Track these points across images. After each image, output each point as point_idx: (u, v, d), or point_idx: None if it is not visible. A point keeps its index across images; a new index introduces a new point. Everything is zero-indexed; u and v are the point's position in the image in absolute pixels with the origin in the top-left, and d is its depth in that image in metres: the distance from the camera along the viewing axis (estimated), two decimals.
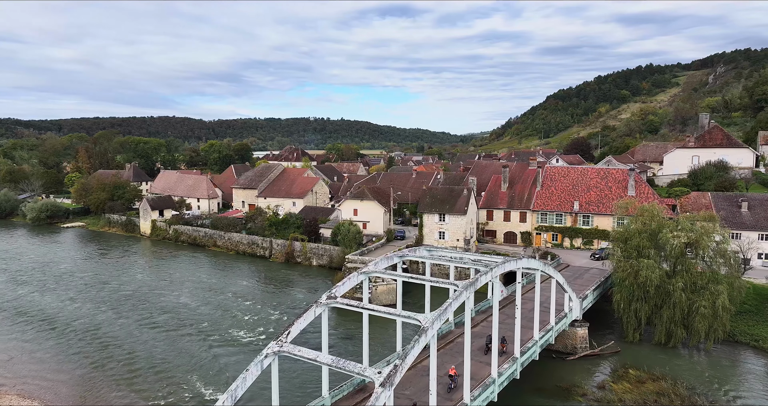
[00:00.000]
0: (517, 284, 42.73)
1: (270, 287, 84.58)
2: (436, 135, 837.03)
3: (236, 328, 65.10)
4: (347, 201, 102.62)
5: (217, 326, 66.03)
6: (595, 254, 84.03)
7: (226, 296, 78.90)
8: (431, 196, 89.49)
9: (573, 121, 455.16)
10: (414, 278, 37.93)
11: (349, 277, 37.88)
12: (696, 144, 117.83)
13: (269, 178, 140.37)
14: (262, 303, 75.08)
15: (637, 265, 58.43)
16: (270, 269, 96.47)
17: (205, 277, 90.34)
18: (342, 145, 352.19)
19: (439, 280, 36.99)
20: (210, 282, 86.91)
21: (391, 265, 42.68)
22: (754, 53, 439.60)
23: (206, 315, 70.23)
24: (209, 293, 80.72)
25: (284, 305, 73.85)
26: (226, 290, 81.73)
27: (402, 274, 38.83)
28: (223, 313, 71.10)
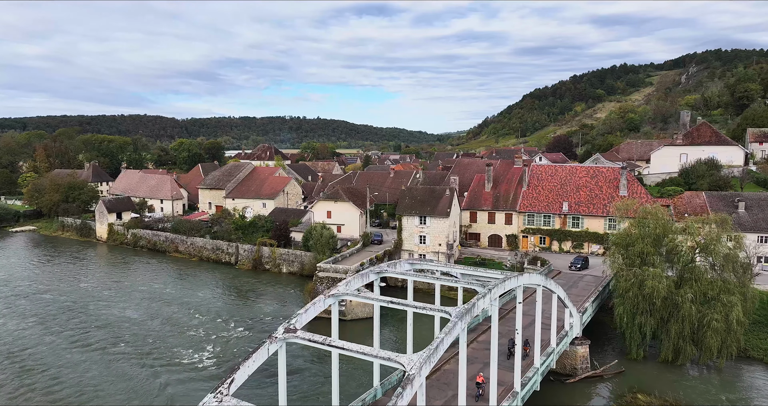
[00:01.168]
0: (517, 304, 35.94)
1: (232, 297, 76.61)
2: (413, 134, 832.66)
3: (186, 347, 57.09)
4: (320, 202, 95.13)
5: (164, 344, 57.93)
6: (574, 264, 73.89)
7: (180, 308, 70.76)
8: (411, 197, 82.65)
9: (549, 120, 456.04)
10: (394, 303, 30.84)
11: (315, 302, 30.61)
12: (684, 141, 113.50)
13: (238, 177, 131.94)
14: (222, 317, 67.13)
15: (641, 274, 52.36)
16: (235, 277, 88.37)
17: (159, 286, 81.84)
18: (317, 144, 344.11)
19: (426, 306, 29.95)
20: (164, 292, 78.48)
21: (366, 283, 35.41)
22: (724, 54, 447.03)
23: (153, 331, 62.03)
24: (160, 304, 72.42)
25: (246, 320, 66.05)
26: (181, 302, 73.56)
27: (380, 298, 31.71)
28: (172, 329, 62.94)
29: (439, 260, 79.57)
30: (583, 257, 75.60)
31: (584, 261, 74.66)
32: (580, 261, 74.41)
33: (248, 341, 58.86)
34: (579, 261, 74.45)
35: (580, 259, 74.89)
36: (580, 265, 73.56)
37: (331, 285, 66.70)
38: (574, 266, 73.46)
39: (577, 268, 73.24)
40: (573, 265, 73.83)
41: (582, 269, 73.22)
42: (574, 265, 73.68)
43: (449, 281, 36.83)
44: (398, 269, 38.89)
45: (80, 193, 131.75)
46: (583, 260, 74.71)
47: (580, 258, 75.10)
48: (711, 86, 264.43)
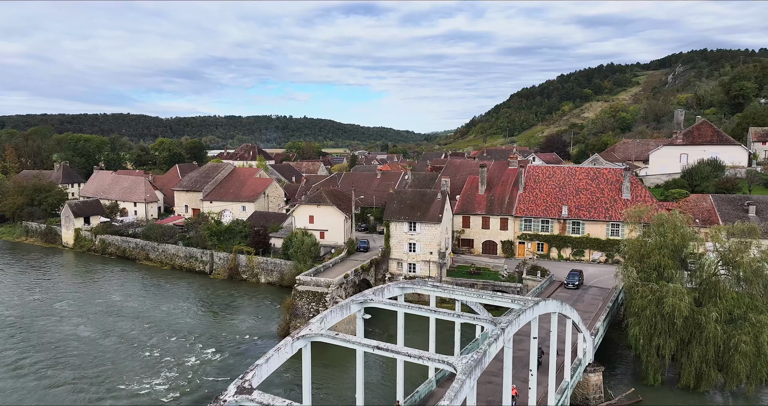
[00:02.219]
0: (532, 339, 29.76)
1: (203, 312, 69.73)
2: (400, 134, 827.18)
3: (138, 372, 50.35)
4: (302, 206, 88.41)
5: (113, 368, 51.28)
6: (570, 281, 64.98)
7: (141, 324, 63.80)
8: (399, 201, 76.31)
9: (537, 120, 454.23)
10: (382, 349, 24.45)
11: (279, 347, 24.10)
12: (684, 141, 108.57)
13: (216, 179, 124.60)
14: (188, 336, 60.27)
15: (659, 290, 46.56)
16: (208, 287, 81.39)
17: (120, 298, 74.68)
18: (303, 144, 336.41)
19: (422, 354, 23.60)
20: (125, 305, 71.37)
21: (347, 317, 29.01)
22: (710, 53, 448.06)
23: (103, 352, 55.13)
24: (118, 319, 65.42)
25: (216, 340, 59.26)
26: (143, 316, 66.57)
27: (363, 341, 25.36)
28: (127, 349, 56.00)
29: (430, 270, 73.33)
30: (577, 271, 66.85)
31: (579, 275, 66.03)
32: (576, 278, 65.25)
33: (215, 368, 52.09)
34: (575, 278, 65.27)
35: (575, 275, 65.81)
36: (578, 282, 64.80)
37: (312, 300, 60.19)
38: (571, 284, 64.50)
39: (574, 286, 64.29)
40: (569, 283, 64.86)
41: (579, 286, 64.62)
42: (571, 282, 64.72)
43: (448, 314, 30.38)
44: (386, 295, 32.54)
45: (47, 195, 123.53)
46: (578, 275, 65.89)
47: (575, 274, 66.12)
48: (701, 85, 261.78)
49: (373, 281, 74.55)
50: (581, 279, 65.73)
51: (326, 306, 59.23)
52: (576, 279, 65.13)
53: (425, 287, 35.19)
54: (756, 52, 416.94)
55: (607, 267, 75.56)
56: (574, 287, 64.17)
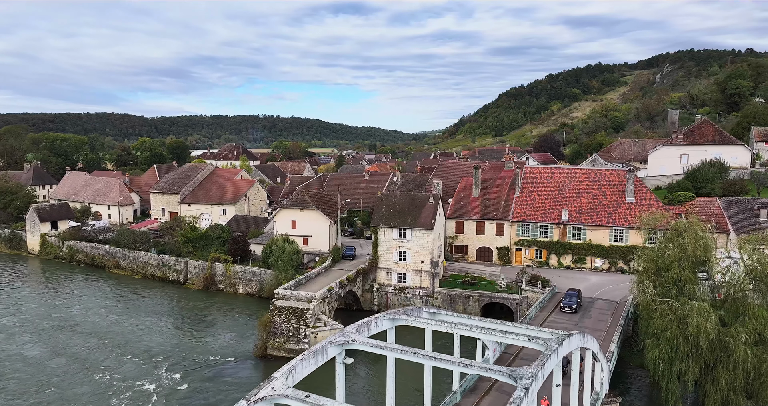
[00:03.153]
0: (554, 387, 24.17)
1: (173, 326, 63.56)
2: (388, 133, 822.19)
3: (87, 402, 44.05)
4: (284, 211, 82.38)
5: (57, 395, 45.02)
6: (567, 304, 55.94)
7: (100, 342, 57.77)
8: (388, 205, 70.65)
9: (526, 120, 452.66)
10: None
11: None
12: (685, 141, 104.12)
13: (195, 180, 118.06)
14: (152, 355, 54.11)
15: (681, 309, 41.30)
16: (182, 298, 75.18)
17: (79, 312, 68.29)
18: (289, 143, 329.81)
19: None
20: (84, 320, 65.03)
21: (324, 361, 23.24)
22: (697, 54, 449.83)
23: (49, 375, 49.05)
24: (74, 336, 59.20)
25: (184, 360, 53.17)
26: (104, 332, 60.38)
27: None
28: (78, 372, 49.97)
29: (421, 280, 67.78)
30: (575, 291, 58.38)
31: (578, 296, 57.41)
32: (574, 299, 56.19)
33: (177, 396, 45.98)
34: (572, 299, 56.22)
35: (573, 295, 57.02)
36: (576, 305, 55.77)
37: (292, 317, 54.29)
38: (569, 307, 55.57)
39: (572, 309, 55.36)
40: (566, 305, 55.83)
41: (578, 309, 55.96)
42: (568, 305, 55.73)
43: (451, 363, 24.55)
44: (373, 330, 26.71)
45: (13, 198, 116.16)
46: (576, 295, 57.19)
47: (572, 294, 57.35)
48: (692, 84, 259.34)
49: (360, 293, 68.84)
50: (580, 300, 57.21)
51: (307, 323, 53.42)
52: (574, 301, 56.10)
53: (421, 319, 29.46)
54: (743, 52, 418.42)
55: (611, 276, 70.67)
56: (572, 310, 55.33)
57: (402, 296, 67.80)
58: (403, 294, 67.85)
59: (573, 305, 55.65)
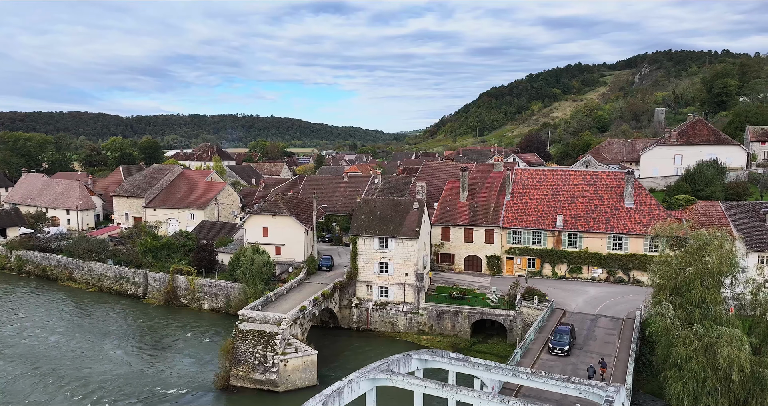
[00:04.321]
0: None
1: (123, 349, 56.12)
2: (369, 133, 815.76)
3: None
4: (254, 217, 75.28)
5: None
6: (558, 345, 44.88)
7: (31, 369, 50.08)
8: (368, 211, 64.10)
9: (507, 119, 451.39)
10: None
11: None
12: (679, 140, 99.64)
13: (161, 183, 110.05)
14: (89, 388, 46.71)
15: (707, 335, 35.66)
16: (140, 315, 67.71)
17: (13, 332, 60.66)
18: (267, 143, 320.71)
19: None
20: (19, 342, 57.14)
21: None
22: (675, 54, 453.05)
23: None
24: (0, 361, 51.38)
25: (130, 394, 45.88)
26: (37, 358, 52.89)
27: None
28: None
29: (405, 294, 61.35)
30: (567, 327, 46.96)
31: (570, 334, 46.01)
32: (566, 338, 45.07)
33: None
34: (564, 339, 45.01)
35: (564, 333, 45.71)
36: (568, 347, 44.64)
37: (258, 343, 47.34)
38: (559, 348, 44.47)
39: (563, 352, 44.27)
40: (556, 346, 44.72)
41: (570, 350, 44.86)
42: (559, 346, 44.59)
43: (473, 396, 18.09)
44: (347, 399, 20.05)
45: None
46: (568, 333, 45.82)
47: (563, 331, 46.01)
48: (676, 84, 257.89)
49: (338, 309, 62.17)
50: (573, 339, 46.18)
51: (276, 349, 46.59)
52: (566, 341, 44.79)
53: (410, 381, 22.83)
54: (719, 53, 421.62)
55: (611, 287, 65.21)
56: (563, 353, 44.06)
57: (384, 312, 61.32)
58: (385, 310, 61.38)
59: (564, 346, 44.52)
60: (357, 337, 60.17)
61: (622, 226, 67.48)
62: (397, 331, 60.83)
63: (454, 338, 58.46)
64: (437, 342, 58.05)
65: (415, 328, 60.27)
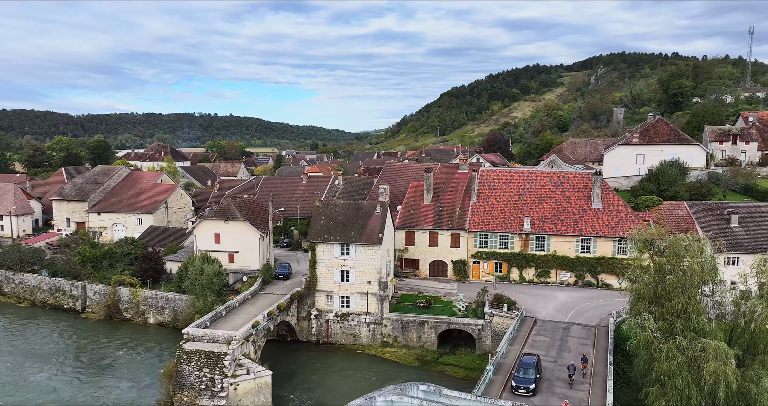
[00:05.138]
0: None
1: (54, 373, 50.24)
2: (330, 132, 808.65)
3: None
4: (205, 222, 70.06)
5: None
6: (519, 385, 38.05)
7: None
8: (328, 216, 60.07)
9: (468, 119, 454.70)
10: None
11: None
12: (641, 140, 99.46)
13: (107, 185, 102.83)
14: None
15: (691, 349, 33.36)
16: (76, 332, 61.69)
17: None
18: (224, 143, 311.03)
19: None
20: None
21: None
22: (628, 56, 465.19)
23: None
24: None
25: None
26: None
27: None
28: None
29: (368, 304, 57.57)
30: (532, 360, 39.76)
31: (536, 367, 39.17)
32: (531, 374, 38.44)
33: None
34: (530, 374, 38.43)
35: (529, 367, 38.91)
36: (534, 386, 37.83)
37: (205, 364, 42.68)
38: (524, 387, 37.70)
39: (528, 392, 37.55)
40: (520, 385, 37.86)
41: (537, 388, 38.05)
42: (523, 386, 37.79)
43: None
44: None
45: None
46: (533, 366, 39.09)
47: (528, 364, 39.21)
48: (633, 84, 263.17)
49: (296, 321, 57.88)
50: (539, 374, 39.38)
51: (225, 372, 42.06)
52: (531, 377, 38.21)
53: None
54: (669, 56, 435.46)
55: (580, 291, 63.23)
56: (528, 392, 37.45)
57: (345, 323, 57.38)
58: (346, 321, 57.45)
59: (530, 384, 37.59)
60: (316, 351, 56.08)
61: (590, 228, 65.65)
62: (359, 343, 57.04)
63: (420, 349, 55.10)
64: (402, 355, 54.63)
65: (378, 340, 56.62)
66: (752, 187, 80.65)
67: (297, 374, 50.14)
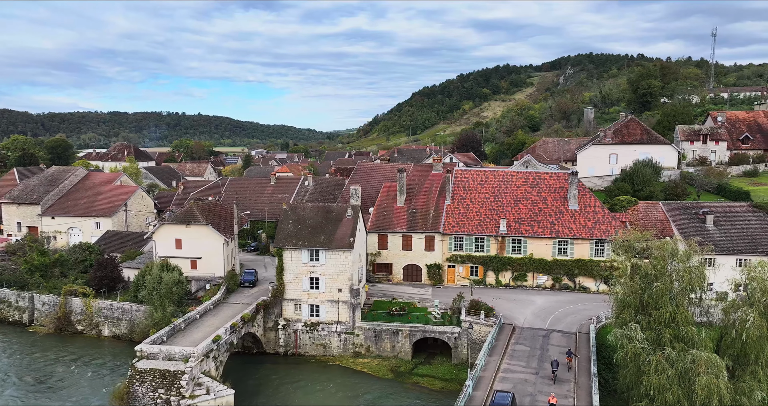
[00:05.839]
0: None
1: None
2: (301, 132, 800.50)
3: None
4: (166, 226, 65.90)
5: None
6: None
7: None
8: (296, 220, 56.84)
9: (439, 118, 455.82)
10: None
11: None
12: (614, 140, 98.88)
13: (61, 187, 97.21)
14: None
15: (681, 361, 31.50)
16: (22, 347, 57.00)
17: None
18: (191, 142, 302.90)
19: None
20: None
21: None
22: (596, 57, 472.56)
23: None
24: None
25: None
26: None
27: None
28: None
29: (339, 313, 54.58)
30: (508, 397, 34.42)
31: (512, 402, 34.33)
32: None
33: None
34: None
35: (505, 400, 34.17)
36: None
37: (160, 385, 39.08)
38: None
39: None
40: None
41: None
42: None
43: None
44: None
45: None
46: None
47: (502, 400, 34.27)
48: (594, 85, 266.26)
49: (262, 332, 54.50)
50: None
51: (182, 392, 38.55)
52: None
53: None
54: (635, 57, 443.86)
55: (558, 295, 61.53)
56: None
57: (315, 333, 54.27)
58: (316, 332, 54.33)
59: None
60: (284, 364, 52.82)
61: (567, 230, 64.01)
62: (330, 354, 54.00)
63: (394, 360, 52.42)
64: (375, 366, 51.86)
65: (350, 350, 53.68)
66: (725, 187, 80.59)
67: (263, 390, 46.84)
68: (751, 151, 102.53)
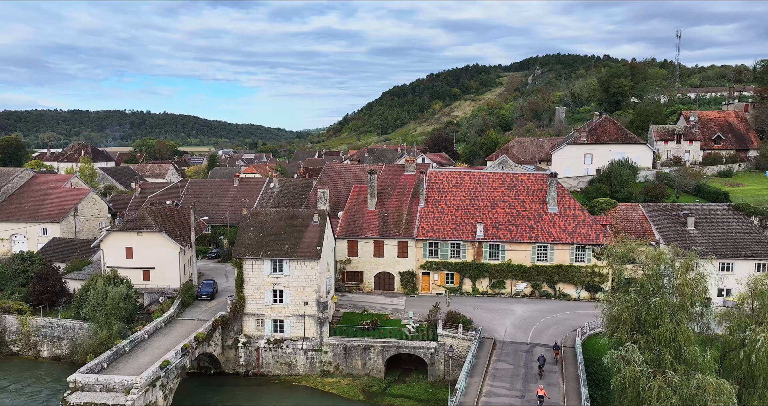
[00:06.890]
0: None
1: None
2: (270, 131, 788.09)
3: None
4: (115, 234, 60.25)
5: None
6: None
7: None
8: (257, 227, 52.09)
9: (410, 118, 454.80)
10: None
11: None
12: (589, 139, 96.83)
13: (4, 190, 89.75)
14: None
15: (686, 387, 28.19)
16: None
17: None
18: (154, 141, 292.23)
19: None
20: None
21: None
22: (564, 57, 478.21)
23: None
24: None
25: None
26: None
27: None
28: None
29: (305, 328, 50.08)
30: None
31: None
32: None
33: None
34: None
35: None
36: None
37: None
38: None
39: None
40: None
41: None
42: None
43: None
44: None
45: None
46: None
47: None
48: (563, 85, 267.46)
49: (220, 351, 49.57)
50: None
51: None
52: None
53: None
54: (601, 58, 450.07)
55: (538, 303, 58.37)
56: None
57: (279, 351, 49.64)
58: (280, 349, 49.71)
59: None
60: (245, 385, 48.08)
61: (547, 234, 60.91)
62: (295, 374, 49.47)
63: (366, 378, 48.28)
64: (345, 386, 47.62)
65: (317, 369, 49.26)
66: (703, 188, 79.07)
67: None
68: (724, 151, 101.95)
